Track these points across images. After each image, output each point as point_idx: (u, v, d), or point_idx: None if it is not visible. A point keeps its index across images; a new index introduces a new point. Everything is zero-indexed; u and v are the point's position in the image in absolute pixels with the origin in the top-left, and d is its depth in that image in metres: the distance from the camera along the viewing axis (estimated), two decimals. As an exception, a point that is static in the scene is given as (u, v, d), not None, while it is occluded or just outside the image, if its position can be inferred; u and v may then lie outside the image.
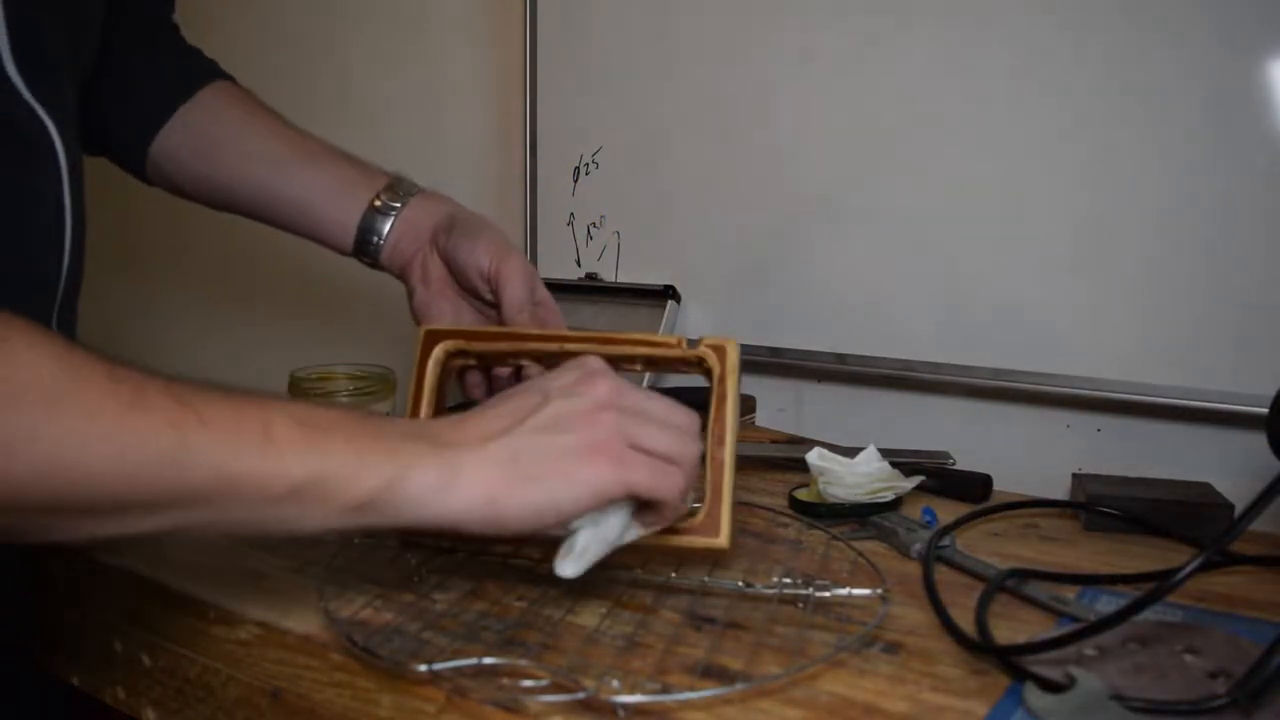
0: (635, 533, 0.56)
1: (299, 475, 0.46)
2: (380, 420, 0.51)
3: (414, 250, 0.79)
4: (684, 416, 0.56)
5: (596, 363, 0.56)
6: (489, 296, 0.75)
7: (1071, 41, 0.87)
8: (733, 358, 0.63)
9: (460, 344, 0.66)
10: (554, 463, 0.50)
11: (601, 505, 0.52)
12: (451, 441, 0.50)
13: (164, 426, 0.44)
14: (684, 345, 0.64)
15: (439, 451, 0.49)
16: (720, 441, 0.61)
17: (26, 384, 0.41)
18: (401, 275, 0.81)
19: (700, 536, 0.60)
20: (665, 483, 0.53)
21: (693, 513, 0.60)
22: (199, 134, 0.82)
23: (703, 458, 0.59)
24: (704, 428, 0.60)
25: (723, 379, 0.63)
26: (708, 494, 0.61)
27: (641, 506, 0.55)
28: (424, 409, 0.66)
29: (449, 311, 0.77)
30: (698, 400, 0.62)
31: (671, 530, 0.60)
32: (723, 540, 0.60)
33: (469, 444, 0.50)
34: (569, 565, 0.52)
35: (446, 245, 0.77)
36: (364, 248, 0.81)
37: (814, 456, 0.80)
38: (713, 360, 0.63)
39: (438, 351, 0.66)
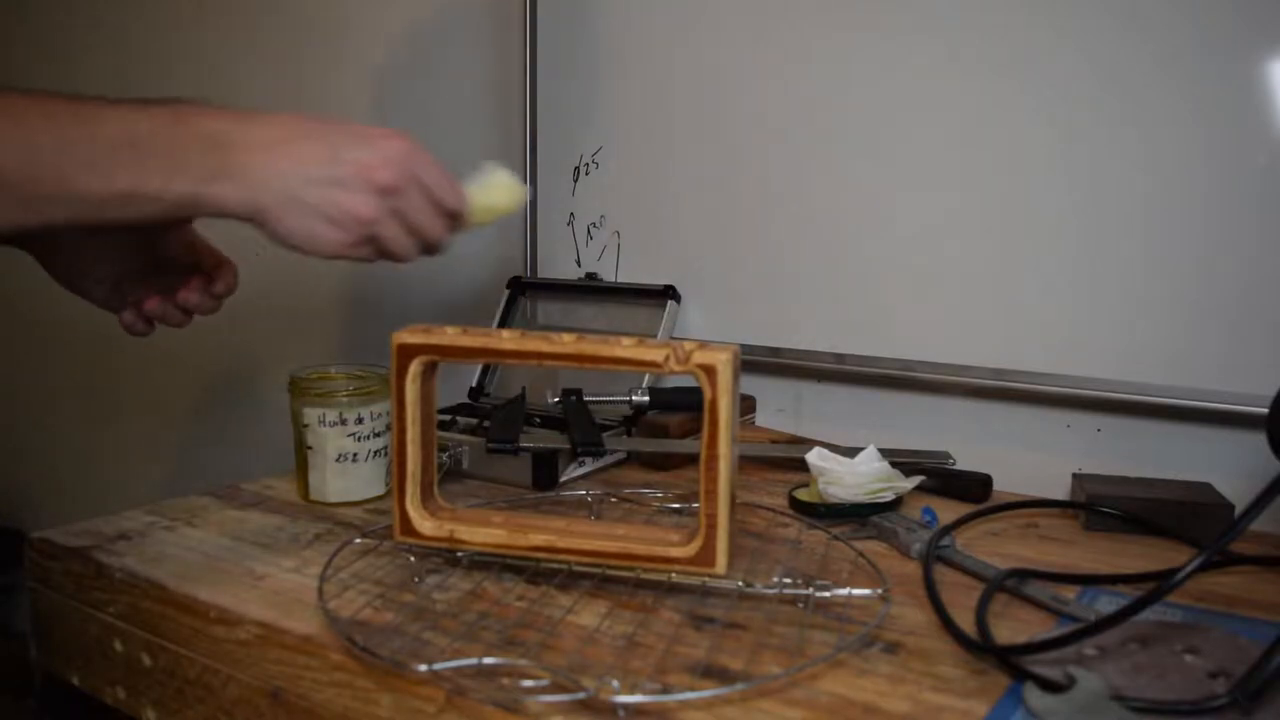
0: None
1: (123, 187, 0.58)
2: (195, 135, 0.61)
3: None
4: (454, 198, 0.70)
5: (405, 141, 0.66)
6: (119, 238, 0.75)
7: (1073, 43, 0.87)
8: (724, 377, 0.58)
9: (434, 358, 0.64)
10: (321, 217, 0.63)
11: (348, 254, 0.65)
12: (258, 170, 0.62)
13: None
14: (672, 360, 0.59)
15: (239, 181, 0.61)
16: (713, 470, 0.59)
17: None
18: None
19: (697, 567, 0.60)
20: (406, 253, 0.68)
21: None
22: None
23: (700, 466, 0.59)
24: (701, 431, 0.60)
25: (714, 403, 0.58)
26: (703, 524, 0.60)
27: None
28: (409, 427, 0.64)
29: (93, 261, 0.75)
30: (695, 402, 0.61)
31: (669, 560, 0.61)
32: (720, 570, 0.60)
33: (271, 177, 0.62)
34: None
35: None
36: None
37: (814, 456, 0.80)
38: (703, 381, 0.58)
39: (414, 367, 0.64)
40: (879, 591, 0.62)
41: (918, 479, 0.80)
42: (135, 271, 0.75)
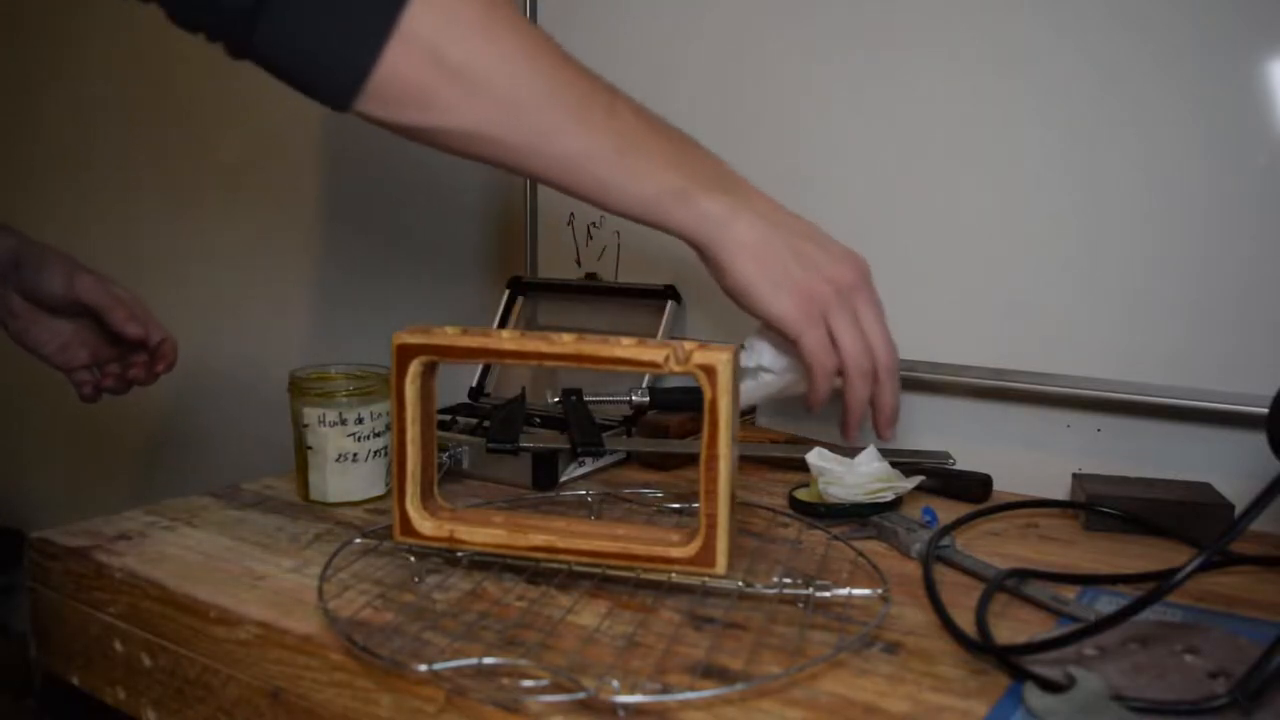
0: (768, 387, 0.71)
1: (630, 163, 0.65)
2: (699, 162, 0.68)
3: None
4: (886, 356, 0.71)
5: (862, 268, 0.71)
6: (76, 317, 0.83)
7: (1073, 43, 0.87)
8: (724, 378, 0.58)
9: (434, 358, 0.64)
10: (781, 273, 0.65)
11: (776, 340, 0.67)
12: (745, 196, 0.67)
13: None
14: (672, 360, 0.59)
15: (733, 196, 0.67)
16: (713, 470, 0.59)
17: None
18: None
19: (697, 567, 0.61)
20: (824, 362, 0.68)
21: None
22: None
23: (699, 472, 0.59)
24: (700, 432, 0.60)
25: (714, 403, 0.58)
26: (703, 524, 0.60)
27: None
28: (409, 427, 0.64)
29: (47, 336, 0.85)
30: (695, 402, 0.61)
31: (669, 560, 0.61)
32: (720, 570, 0.60)
33: (753, 209, 0.66)
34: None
35: (19, 283, 0.81)
36: None
37: (814, 457, 0.80)
38: (703, 381, 0.59)
39: (413, 367, 0.64)
40: (879, 591, 0.62)
41: (918, 479, 0.80)
42: (84, 341, 0.84)
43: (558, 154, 0.64)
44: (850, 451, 0.81)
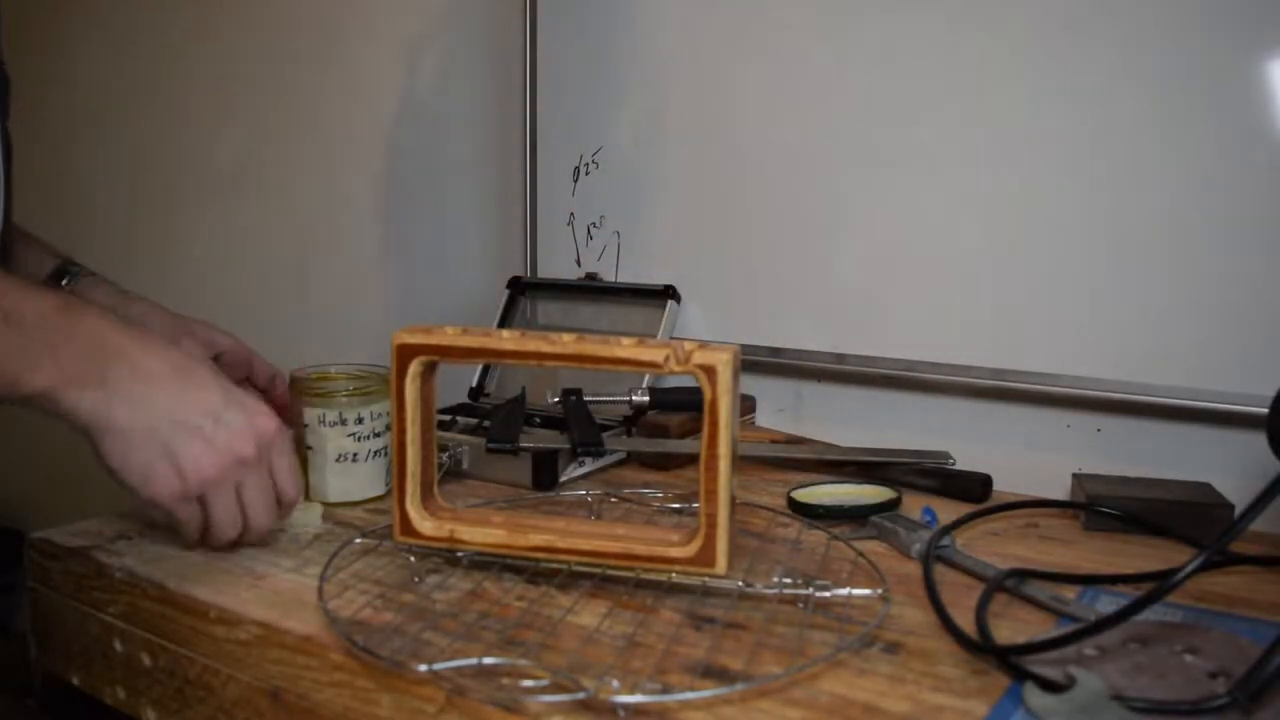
0: None
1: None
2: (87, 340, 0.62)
3: None
4: (293, 490, 0.69)
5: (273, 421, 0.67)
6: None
7: (1073, 43, 0.87)
8: (724, 378, 0.58)
9: (434, 358, 0.64)
10: (151, 459, 0.62)
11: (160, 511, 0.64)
12: (120, 383, 0.62)
13: None
14: (672, 360, 0.58)
15: (107, 393, 0.61)
16: (713, 471, 0.59)
17: None
18: None
19: (697, 567, 0.60)
20: (190, 534, 0.66)
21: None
22: None
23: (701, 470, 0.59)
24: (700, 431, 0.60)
25: (714, 403, 0.58)
26: (703, 524, 0.60)
27: None
28: (409, 427, 0.64)
29: None
30: (695, 402, 0.61)
31: (669, 560, 0.61)
32: (720, 570, 0.60)
33: (127, 397, 0.62)
34: None
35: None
36: None
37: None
38: (703, 381, 0.58)
39: (413, 367, 0.64)
40: (879, 591, 0.62)
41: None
42: None
43: None
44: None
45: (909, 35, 0.95)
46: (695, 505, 0.65)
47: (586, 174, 1.18)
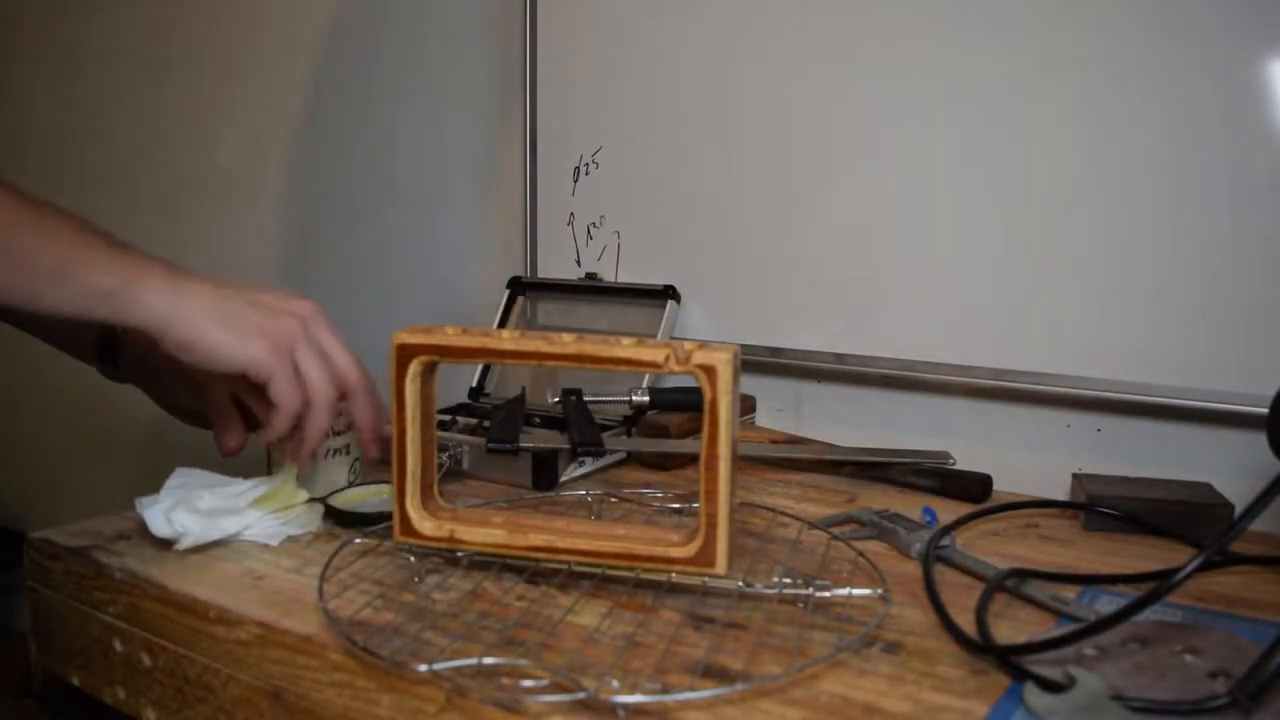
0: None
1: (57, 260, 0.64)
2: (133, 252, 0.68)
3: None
4: (357, 376, 0.71)
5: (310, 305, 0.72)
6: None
7: (1074, 42, 0.87)
8: (724, 378, 0.58)
9: (434, 358, 0.64)
10: (241, 323, 0.67)
11: (254, 374, 0.67)
12: (182, 277, 0.68)
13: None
14: (672, 360, 0.58)
15: (174, 286, 0.67)
16: (713, 471, 0.59)
17: None
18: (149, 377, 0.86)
19: (697, 567, 0.60)
20: (291, 399, 0.68)
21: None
22: None
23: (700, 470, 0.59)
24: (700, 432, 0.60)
25: (714, 403, 0.58)
26: (703, 524, 0.60)
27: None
28: (409, 427, 0.64)
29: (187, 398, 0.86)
30: (695, 402, 0.61)
31: (669, 560, 0.61)
32: (720, 570, 0.60)
33: (196, 283, 0.68)
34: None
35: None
36: (106, 355, 0.86)
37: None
38: (703, 381, 0.58)
39: (413, 367, 0.64)
40: (879, 591, 0.62)
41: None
42: (223, 401, 0.81)
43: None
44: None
45: (911, 38, 0.95)
46: (695, 505, 0.65)
47: (586, 174, 1.18)
